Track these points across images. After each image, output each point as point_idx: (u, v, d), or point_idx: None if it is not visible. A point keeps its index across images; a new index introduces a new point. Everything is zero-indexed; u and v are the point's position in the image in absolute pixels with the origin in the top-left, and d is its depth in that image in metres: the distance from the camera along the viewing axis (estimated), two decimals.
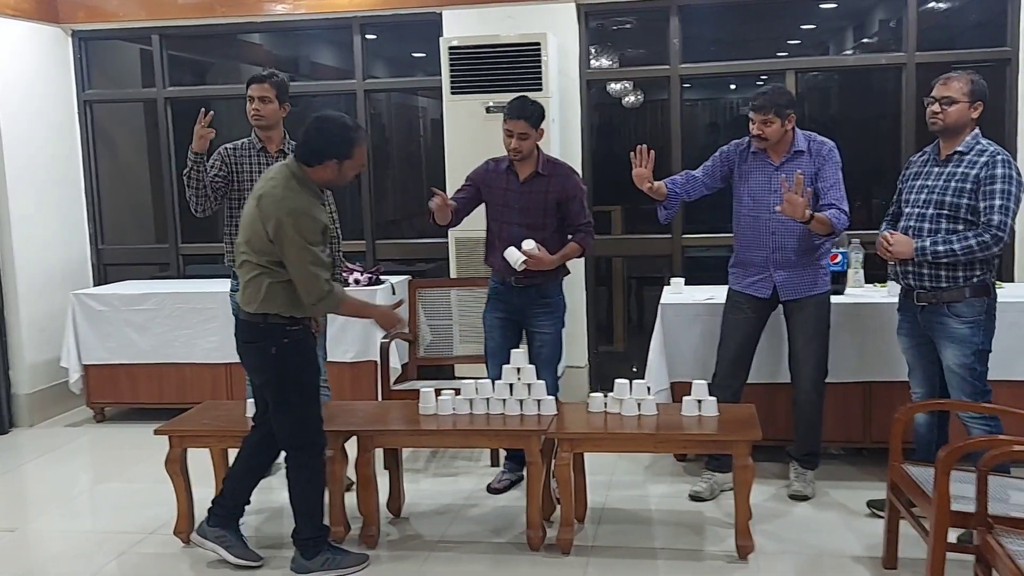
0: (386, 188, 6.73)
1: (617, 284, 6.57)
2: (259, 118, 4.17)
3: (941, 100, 3.49)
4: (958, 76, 3.51)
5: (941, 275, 3.48)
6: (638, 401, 3.63)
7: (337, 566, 3.41)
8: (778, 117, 3.83)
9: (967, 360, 3.48)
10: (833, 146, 3.99)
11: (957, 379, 3.51)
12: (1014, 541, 2.56)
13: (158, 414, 4.62)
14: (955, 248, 3.41)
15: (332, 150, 3.26)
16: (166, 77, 6.09)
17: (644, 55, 6.20)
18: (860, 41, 6.37)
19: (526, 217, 3.99)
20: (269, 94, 4.16)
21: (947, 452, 2.77)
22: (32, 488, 4.68)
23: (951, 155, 3.52)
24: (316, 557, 3.41)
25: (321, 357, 4.06)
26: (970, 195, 3.43)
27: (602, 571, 3.43)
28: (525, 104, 3.97)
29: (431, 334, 4.98)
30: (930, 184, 3.55)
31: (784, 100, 3.86)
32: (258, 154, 4.22)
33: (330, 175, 3.30)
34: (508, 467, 4.23)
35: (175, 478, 3.73)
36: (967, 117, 3.49)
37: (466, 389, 3.72)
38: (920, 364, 3.70)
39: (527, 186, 4.02)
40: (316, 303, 3.26)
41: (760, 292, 4.02)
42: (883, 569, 3.35)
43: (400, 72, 6.77)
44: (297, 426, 3.39)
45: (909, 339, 3.71)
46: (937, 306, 3.51)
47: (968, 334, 3.47)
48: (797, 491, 4.05)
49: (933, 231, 3.49)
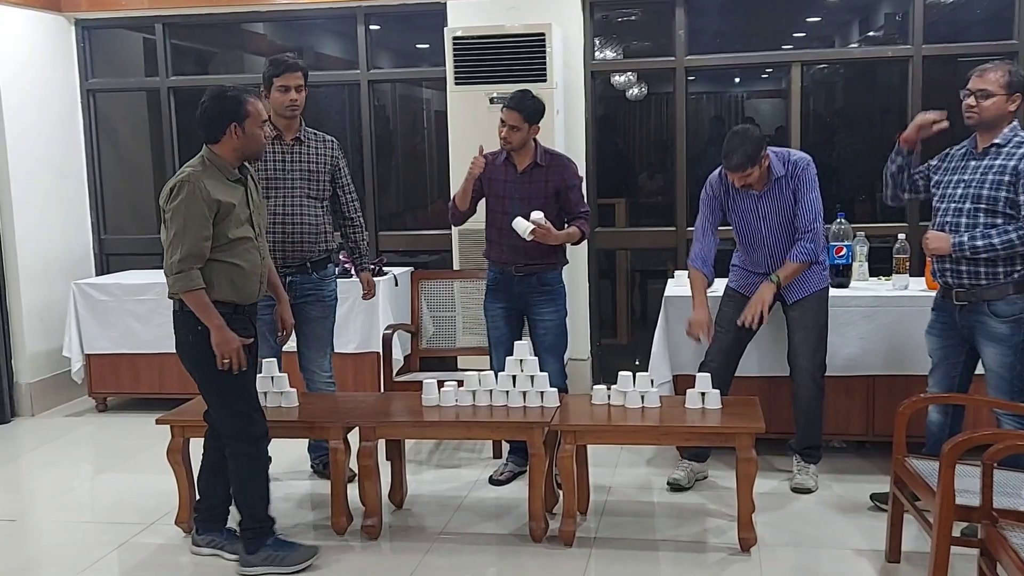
0: (389, 180, 6.71)
1: (621, 277, 6.56)
2: (295, 108, 4.04)
3: (977, 93, 3.38)
4: (994, 67, 3.39)
5: (980, 272, 3.38)
6: (641, 393, 3.62)
7: (280, 562, 3.36)
8: (754, 167, 3.80)
9: (1008, 359, 3.38)
10: (808, 162, 3.93)
11: (996, 378, 3.43)
12: (1018, 535, 2.55)
13: (160, 404, 4.62)
14: (994, 243, 3.31)
15: (225, 116, 3.27)
16: (169, 66, 6.08)
17: (649, 47, 6.17)
18: (866, 34, 6.34)
19: (527, 206, 3.98)
20: (302, 82, 4.06)
21: (952, 446, 2.76)
22: (33, 478, 4.68)
23: (988, 148, 3.42)
24: (258, 552, 3.37)
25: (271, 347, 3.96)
26: (1008, 187, 3.33)
27: (604, 563, 3.42)
28: (524, 97, 3.95)
29: (434, 326, 4.97)
30: (967, 178, 3.44)
31: (753, 149, 3.76)
32: (273, 142, 4.07)
33: (238, 142, 3.28)
34: (511, 459, 4.23)
35: (177, 468, 3.72)
36: (1004, 110, 3.38)
37: (469, 381, 3.71)
38: (944, 365, 3.62)
39: (526, 176, 4.02)
40: (168, 275, 3.23)
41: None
42: (886, 563, 3.34)
43: (404, 63, 6.75)
44: (226, 415, 3.36)
45: (939, 339, 3.62)
46: (976, 305, 3.42)
47: (1008, 333, 3.37)
48: (799, 484, 4.05)
49: (971, 226, 3.39)
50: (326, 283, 4.23)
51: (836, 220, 4.48)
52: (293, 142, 4.12)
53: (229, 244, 3.28)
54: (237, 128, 3.27)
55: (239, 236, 3.30)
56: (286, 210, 4.07)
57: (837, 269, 4.44)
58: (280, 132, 4.09)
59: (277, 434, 3.90)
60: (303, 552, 3.41)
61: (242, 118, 3.27)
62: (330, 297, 4.26)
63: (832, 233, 4.45)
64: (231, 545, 3.50)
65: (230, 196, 3.28)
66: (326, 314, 4.25)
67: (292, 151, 4.11)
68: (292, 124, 4.11)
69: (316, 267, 4.17)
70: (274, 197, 4.05)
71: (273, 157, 4.07)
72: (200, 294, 3.22)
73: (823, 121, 6.75)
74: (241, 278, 3.32)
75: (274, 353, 4.00)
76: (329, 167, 4.20)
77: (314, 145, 4.17)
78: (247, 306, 3.40)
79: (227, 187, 3.30)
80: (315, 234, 4.12)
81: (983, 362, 3.50)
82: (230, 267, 3.29)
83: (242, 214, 3.33)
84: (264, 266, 3.46)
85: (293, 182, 4.09)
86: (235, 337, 3.26)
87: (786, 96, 5.59)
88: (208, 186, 3.22)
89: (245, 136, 3.29)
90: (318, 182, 4.15)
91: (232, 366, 3.25)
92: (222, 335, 3.24)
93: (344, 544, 3.65)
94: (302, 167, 4.11)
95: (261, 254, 3.43)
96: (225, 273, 3.28)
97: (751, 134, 3.81)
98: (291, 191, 4.08)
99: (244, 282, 3.34)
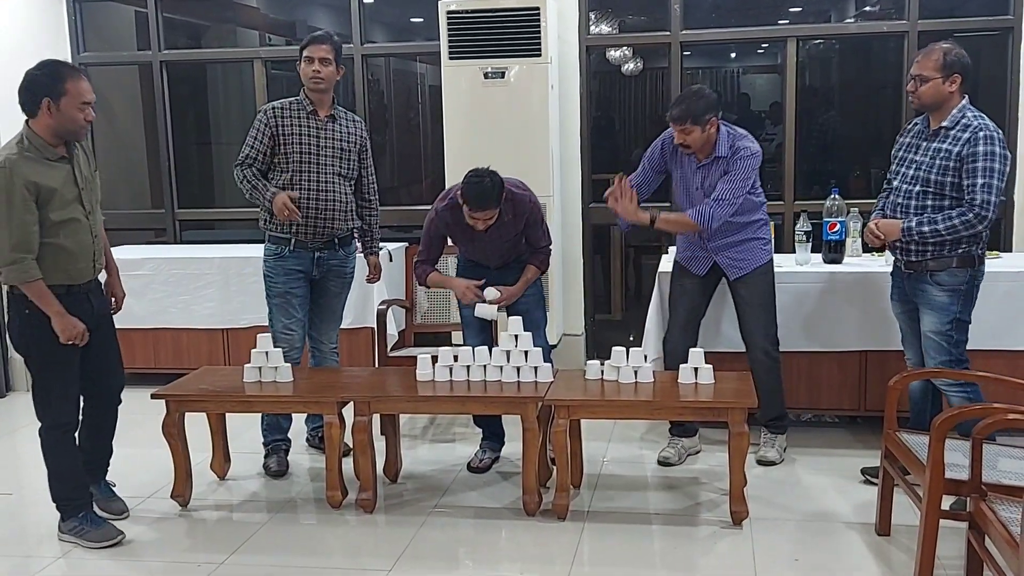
0: (384, 154, 6.70)
1: (615, 253, 6.58)
2: (319, 80, 3.98)
3: (915, 79, 3.47)
4: (928, 52, 3.46)
5: (927, 250, 3.50)
6: (635, 369, 3.64)
7: (82, 535, 3.43)
8: (696, 125, 3.78)
9: (943, 328, 3.51)
10: (753, 154, 3.85)
11: (934, 345, 3.54)
12: (1007, 508, 2.58)
13: (154, 379, 4.63)
14: (939, 228, 3.42)
15: (39, 91, 3.18)
16: (161, 40, 6.03)
17: (644, 22, 6.15)
18: (862, 9, 6.32)
19: (498, 253, 3.99)
20: (329, 55, 4.00)
21: (942, 420, 2.78)
22: (29, 452, 4.67)
23: (937, 130, 3.49)
24: (68, 520, 3.47)
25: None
26: (953, 173, 3.41)
27: (597, 536, 3.45)
28: (491, 195, 3.74)
29: (428, 301, 4.98)
30: (918, 159, 3.54)
31: (700, 108, 3.77)
32: (308, 116, 4.02)
33: (52, 120, 3.20)
34: (486, 445, 4.20)
35: (172, 442, 3.74)
36: (943, 92, 3.44)
37: (463, 356, 3.72)
38: (910, 330, 3.73)
39: (493, 232, 3.89)
40: (0, 267, 3.22)
41: (697, 269, 4.07)
42: (876, 535, 3.38)
43: (398, 37, 6.71)
44: (37, 395, 3.40)
45: (899, 304, 3.76)
46: (921, 274, 3.54)
47: (947, 302, 3.49)
48: (764, 456, 4.09)
49: (919, 208, 3.50)
50: (350, 259, 4.27)
51: (830, 196, 4.50)
52: (327, 119, 4.07)
53: (53, 226, 3.24)
54: (51, 104, 3.18)
55: (64, 218, 3.26)
56: (319, 186, 4.04)
57: (831, 245, 4.46)
58: (315, 107, 4.04)
59: (272, 409, 3.95)
60: (105, 532, 3.45)
61: (57, 95, 3.17)
62: (350, 274, 4.31)
63: (826, 209, 4.46)
64: (106, 502, 3.65)
65: (50, 179, 3.22)
66: (343, 289, 4.30)
67: (326, 128, 4.06)
68: (325, 99, 4.05)
69: (343, 243, 4.19)
70: (307, 172, 4.02)
71: (308, 132, 4.02)
72: (37, 284, 3.22)
73: (818, 97, 6.74)
74: (69, 260, 3.31)
75: None
76: (358, 147, 4.19)
77: (346, 124, 4.15)
78: (81, 285, 3.38)
79: (48, 168, 3.23)
80: (344, 211, 4.12)
81: (922, 329, 3.59)
82: (56, 249, 3.26)
83: (68, 194, 3.27)
84: (98, 244, 3.43)
85: (326, 159, 4.06)
86: (76, 322, 3.29)
87: (782, 71, 5.58)
88: (26, 170, 3.16)
89: (60, 114, 3.19)
90: (348, 161, 4.14)
91: (80, 342, 3.32)
92: (63, 322, 3.26)
93: (339, 517, 3.67)
94: (335, 145, 4.08)
95: (93, 232, 3.40)
96: (52, 256, 3.25)
97: (703, 93, 3.83)
98: (324, 168, 4.05)
99: (72, 263, 3.32)
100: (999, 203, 3.39)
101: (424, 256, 4.08)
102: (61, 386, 3.39)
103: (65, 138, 3.29)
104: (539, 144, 5.11)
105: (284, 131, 4.00)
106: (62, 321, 3.26)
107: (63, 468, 3.46)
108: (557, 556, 3.30)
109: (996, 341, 4.05)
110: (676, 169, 4.03)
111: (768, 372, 4.05)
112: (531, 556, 3.36)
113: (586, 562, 3.27)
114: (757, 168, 3.91)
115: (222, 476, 4.07)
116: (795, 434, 4.33)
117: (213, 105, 7.02)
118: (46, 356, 3.33)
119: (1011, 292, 4.13)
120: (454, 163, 5.20)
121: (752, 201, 3.98)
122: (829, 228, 4.43)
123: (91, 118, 3.30)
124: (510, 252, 4.02)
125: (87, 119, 3.28)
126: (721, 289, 4.14)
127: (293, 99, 4.08)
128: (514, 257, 4.04)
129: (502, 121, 5.11)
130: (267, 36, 7.01)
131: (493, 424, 4.17)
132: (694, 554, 3.33)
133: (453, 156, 5.21)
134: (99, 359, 3.55)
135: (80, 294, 3.39)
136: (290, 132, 4.00)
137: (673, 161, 4.03)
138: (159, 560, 3.39)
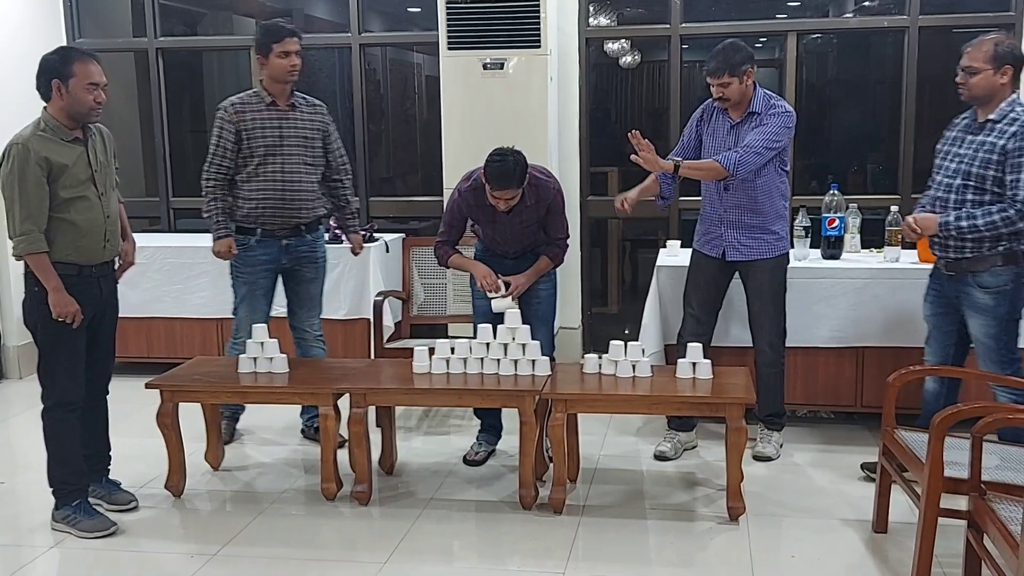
0: (380, 145, 6.66)
1: (612, 246, 6.55)
2: (295, 73, 4.02)
3: (965, 70, 3.41)
4: (978, 43, 3.40)
5: (966, 246, 3.42)
6: (632, 363, 3.62)
7: (74, 524, 3.42)
8: (733, 76, 3.77)
9: (992, 330, 3.43)
10: (786, 111, 3.86)
11: (984, 348, 3.47)
12: (1007, 507, 2.57)
13: (147, 368, 4.60)
14: (978, 224, 3.34)
15: (50, 73, 3.28)
16: (157, 27, 5.98)
17: (644, 14, 6.11)
18: (862, 4, 6.30)
19: (517, 238, 3.96)
20: (299, 47, 4.04)
21: (942, 418, 2.77)
22: (22, 440, 4.67)
23: (984, 123, 3.43)
24: (62, 508, 3.47)
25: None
26: (997, 167, 3.34)
27: (593, 530, 3.44)
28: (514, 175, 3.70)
29: (424, 293, 4.95)
30: (962, 152, 3.46)
31: (737, 59, 3.77)
32: (268, 108, 4.06)
33: (63, 101, 3.28)
34: (483, 438, 4.18)
35: (166, 432, 3.72)
36: (994, 84, 3.38)
37: (460, 348, 3.70)
38: (938, 334, 3.66)
39: (515, 216, 3.87)
40: (11, 238, 3.29)
41: (711, 251, 4.04)
42: (873, 533, 3.37)
43: (396, 27, 6.67)
44: (43, 373, 3.42)
45: (933, 307, 3.67)
46: (962, 275, 3.46)
47: (992, 304, 3.41)
48: (761, 452, 4.08)
49: (958, 203, 3.42)
50: (318, 244, 4.30)
51: (829, 191, 4.48)
52: (288, 108, 4.09)
53: (63, 203, 3.31)
54: (61, 86, 3.27)
55: (74, 196, 3.33)
56: (285, 176, 4.08)
57: (829, 241, 4.45)
58: (275, 98, 4.06)
59: (267, 400, 3.92)
60: (98, 523, 3.44)
61: (65, 77, 3.26)
62: (322, 258, 4.33)
63: (825, 205, 4.44)
64: (111, 496, 3.63)
65: (63, 156, 3.30)
66: (318, 275, 4.32)
67: (287, 117, 4.09)
68: (286, 90, 4.09)
69: (309, 229, 4.22)
70: (272, 163, 4.06)
71: (271, 124, 4.06)
72: (42, 257, 3.29)
73: (816, 92, 6.72)
74: (78, 236, 3.35)
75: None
76: (320, 132, 4.19)
77: (307, 111, 4.16)
78: (93, 267, 3.43)
79: (61, 147, 3.31)
80: (311, 200, 4.17)
81: (971, 333, 3.53)
82: (65, 224, 3.32)
83: (81, 174, 3.35)
84: (111, 225, 3.47)
85: (291, 149, 4.09)
86: (71, 300, 3.32)
87: (781, 65, 5.56)
88: (38, 146, 3.26)
89: (69, 95, 3.28)
90: (314, 149, 4.17)
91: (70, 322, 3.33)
92: (58, 297, 3.31)
93: (334, 509, 3.66)
94: (298, 133, 4.11)
95: (106, 213, 3.44)
96: (61, 231, 3.32)
97: (738, 46, 3.82)
98: (289, 158, 4.09)
99: (82, 240, 3.37)
100: None
101: (445, 236, 4.01)
102: (68, 363, 3.41)
103: (78, 120, 3.35)
104: (537, 136, 5.08)
105: (246, 125, 4.05)
106: (57, 296, 3.31)
107: (65, 450, 3.45)
108: (553, 550, 3.29)
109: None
110: (709, 137, 4.00)
111: (770, 366, 4.04)
112: (527, 550, 3.34)
113: (582, 556, 3.26)
114: (791, 129, 3.86)
115: (216, 467, 4.05)
116: (791, 430, 4.32)
117: (209, 93, 6.96)
118: (55, 333, 3.36)
119: None
120: (451, 154, 5.17)
121: (776, 184, 3.95)
122: (828, 224, 4.42)
123: (101, 100, 3.35)
124: (529, 239, 3.97)
125: (96, 100, 3.33)
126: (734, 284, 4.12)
127: (251, 92, 4.12)
128: (532, 246, 4.00)
129: (500, 112, 5.08)
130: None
131: (492, 416, 4.15)
132: (690, 549, 3.32)
133: (451, 147, 5.18)
134: (96, 347, 3.55)
135: (91, 278, 3.43)
136: (252, 126, 4.05)
137: (706, 128, 4.00)
138: (152, 550, 3.37)
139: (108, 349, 3.67)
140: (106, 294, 3.55)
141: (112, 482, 3.70)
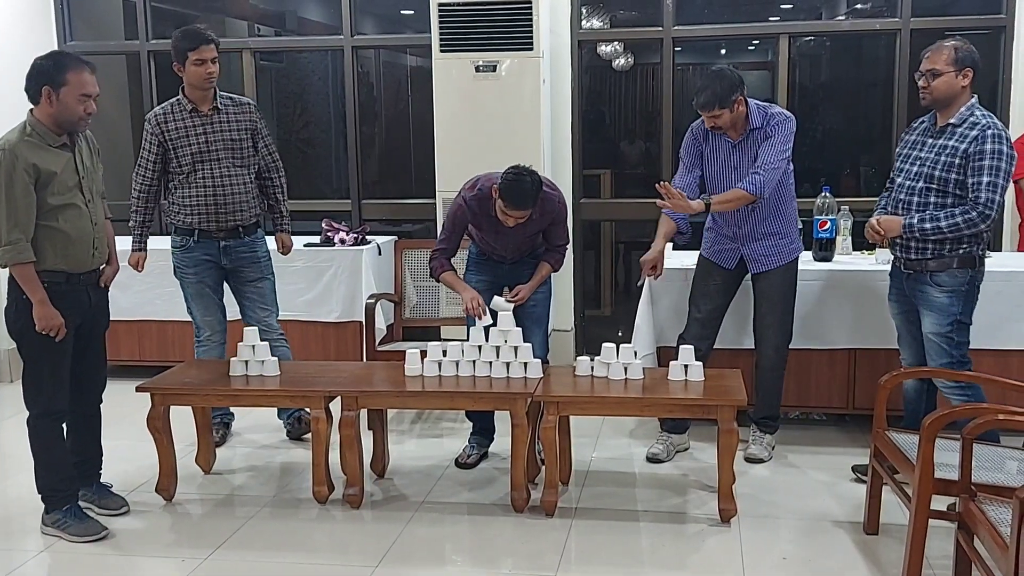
0: (373, 147, 6.66)
1: (605, 248, 6.56)
2: (212, 80, 4.08)
3: (927, 74, 3.46)
4: (937, 48, 3.46)
5: (928, 247, 3.48)
6: (624, 365, 3.62)
7: (65, 529, 3.40)
8: (724, 108, 3.76)
9: (944, 329, 3.49)
10: (787, 116, 3.89)
11: (935, 348, 3.53)
12: (997, 508, 2.57)
13: (138, 371, 4.59)
14: (941, 225, 3.40)
15: (41, 79, 3.21)
16: (149, 29, 5.97)
17: (636, 17, 6.13)
18: (854, 6, 6.32)
19: (517, 247, 3.97)
20: (217, 54, 4.10)
21: (932, 420, 2.78)
22: (13, 444, 4.64)
23: (944, 127, 3.48)
24: (51, 513, 3.44)
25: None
26: (959, 170, 3.40)
27: (585, 533, 3.44)
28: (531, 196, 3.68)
29: (417, 295, 4.95)
30: (923, 156, 3.52)
31: (723, 89, 3.73)
32: (190, 115, 4.10)
33: (52, 108, 3.21)
34: (475, 440, 4.17)
35: (157, 436, 3.71)
36: (956, 87, 3.44)
37: (452, 351, 3.70)
38: (907, 331, 3.72)
39: (519, 228, 3.84)
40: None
41: (726, 263, 4.04)
42: (864, 534, 3.37)
43: (389, 29, 6.67)
44: (28, 382, 3.39)
45: (897, 305, 3.74)
46: (921, 274, 3.53)
47: (947, 303, 3.48)
48: (753, 454, 4.08)
49: (921, 205, 3.48)
50: (258, 244, 4.33)
51: (821, 194, 4.48)
52: (211, 112, 4.13)
53: (52, 210, 3.26)
54: (51, 93, 3.20)
55: (63, 203, 3.28)
56: (216, 182, 4.13)
57: (821, 243, 4.45)
58: (195, 104, 4.11)
59: (258, 403, 3.91)
60: (89, 526, 3.42)
61: (57, 85, 3.19)
62: (264, 258, 4.35)
63: (816, 207, 4.45)
64: (101, 500, 3.60)
65: (51, 163, 3.24)
66: (263, 274, 4.34)
67: (211, 122, 4.12)
68: (207, 95, 4.13)
69: (247, 231, 4.26)
70: (201, 170, 4.12)
71: (195, 131, 4.10)
72: (28, 268, 3.23)
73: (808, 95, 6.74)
74: (66, 243, 3.31)
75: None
76: (249, 131, 4.22)
77: (232, 112, 4.19)
78: (81, 275, 3.39)
79: (49, 153, 3.25)
80: (245, 201, 4.21)
81: (923, 331, 3.58)
82: (54, 232, 3.28)
83: (68, 181, 3.29)
84: (98, 232, 3.43)
85: (219, 153, 4.13)
86: (56, 314, 3.27)
87: (773, 68, 5.57)
88: (27, 153, 3.19)
89: (59, 103, 3.21)
90: (242, 150, 4.20)
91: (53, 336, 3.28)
92: (43, 310, 3.26)
93: (326, 513, 3.65)
94: (224, 137, 4.15)
95: (93, 220, 3.40)
96: (50, 239, 3.27)
97: (725, 74, 3.80)
98: (218, 163, 4.13)
99: (70, 248, 3.32)
100: (1002, 203, 3.38)
101: (444, 245, 3.97)
102: (53, 373, 3.37)
103: (65, 128, 3.29)
104: (530, 138, 5.08)
105: (171, 135, 4.10)
106: (42, 309, 3.27)
107: (52, 458, 3.43)
108: (545, 553, 3.28)
109: (986, 340, 4.04)
110: (710, 159, 3.98)
111: (772, 370, 4.05)
112: (519, 553, 3.33)
113: (574, 559, 3.26)
114: (794, 133, 3.87)
115: (207, 470, 4.04)
116: (783, 432, 4.31)
117: None
118: (40, 342, 3.31)
119: (1001, 291, 4.13)
120: (444, 157, 5.17)
121: (787, 185, 3.96)
122: (820, 226, 4.42)
123: (92, 111, 3.29)
124: (528, 247, 3.99)
125: (87, 111, 3.27)
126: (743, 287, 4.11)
127: (174, 100, 4.16)
128: (530, 252, 4.01)
129: (493, 115, 5.08)
130: (256, 27, 6.96)
131: (484, 419, 4.14)
132: (682, 551, 3.32)
133: (443, 149, 5.18)
134: (86, 357, 3.52)
135: (80, 286, 3.39)
136: (176, 136, 4.10)
137: (707, 144, 3.98)
138: (143, 555, 3.36)
139: (99, 357, 3.64)
140: (95, 301, 3.51)
141: (103, 485, 3.69)
